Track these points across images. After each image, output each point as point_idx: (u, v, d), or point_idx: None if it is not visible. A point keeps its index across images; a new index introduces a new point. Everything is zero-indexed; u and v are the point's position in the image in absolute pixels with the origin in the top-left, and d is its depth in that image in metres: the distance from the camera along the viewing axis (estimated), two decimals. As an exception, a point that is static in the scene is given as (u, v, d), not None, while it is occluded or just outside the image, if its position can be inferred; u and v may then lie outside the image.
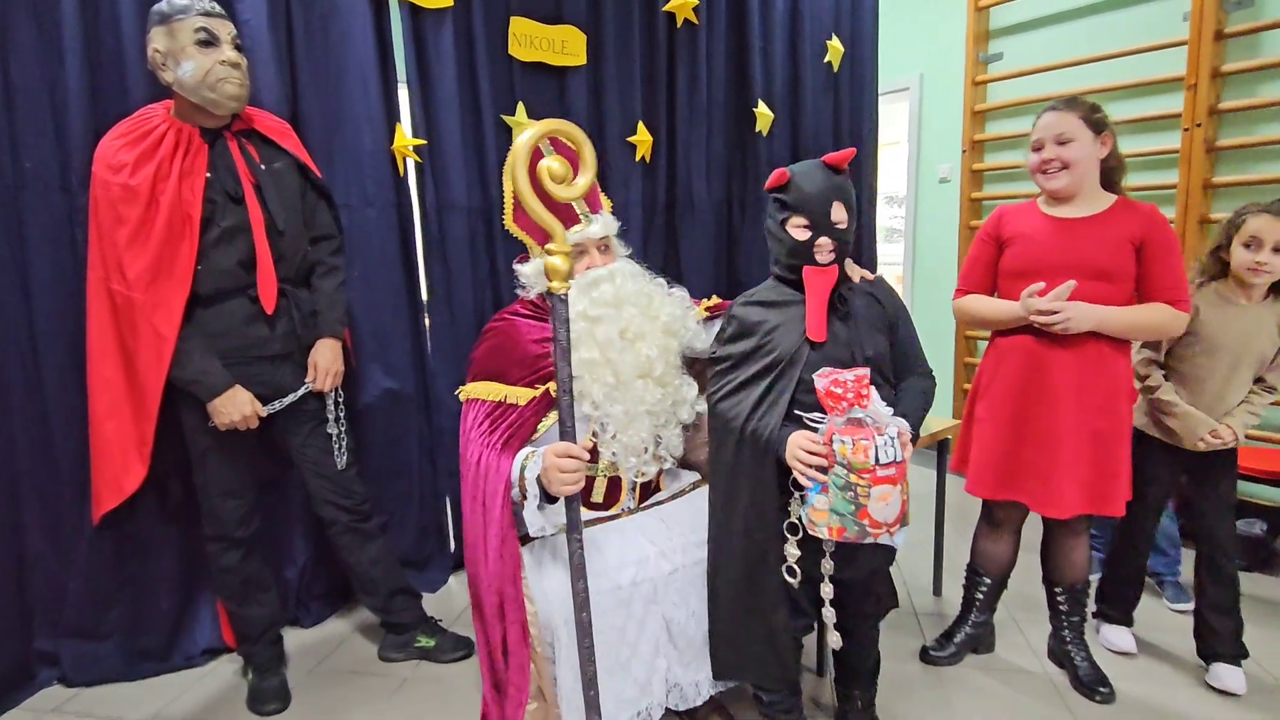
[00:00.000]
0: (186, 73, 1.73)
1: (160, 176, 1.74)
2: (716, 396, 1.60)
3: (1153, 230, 1.76)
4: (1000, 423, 1.88)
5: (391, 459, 2.50)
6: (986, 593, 2.11)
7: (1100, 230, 1.78)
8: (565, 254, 1.34)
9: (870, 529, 1.41)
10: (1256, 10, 2.80)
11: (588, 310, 1.66)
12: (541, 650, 1.54)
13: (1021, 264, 1.84)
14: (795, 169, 1.54)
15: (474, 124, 2.55)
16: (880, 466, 1.38)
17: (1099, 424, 1.79)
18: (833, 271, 1.54)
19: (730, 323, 1.63)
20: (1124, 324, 1.76)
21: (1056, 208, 1.85)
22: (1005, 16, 3.60)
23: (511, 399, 1.64)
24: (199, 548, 2.06)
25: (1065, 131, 1.78)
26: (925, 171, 4.11)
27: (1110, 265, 1.76)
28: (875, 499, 1.39)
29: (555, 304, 1.35)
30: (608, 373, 1.66)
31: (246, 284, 1.85)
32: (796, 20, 3.16)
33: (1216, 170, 2.95)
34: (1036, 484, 1.84)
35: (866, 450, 1.37)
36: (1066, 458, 1.79)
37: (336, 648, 2.29)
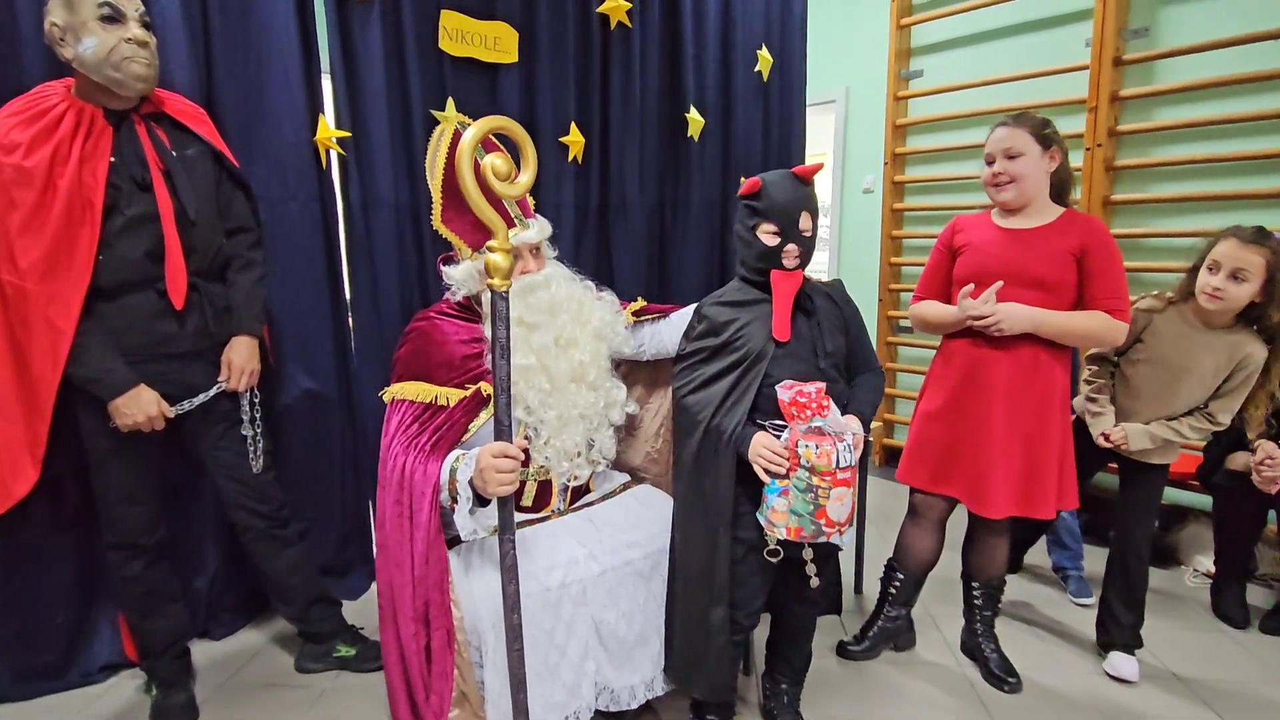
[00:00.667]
0: (88, 49, 1.63)
1: (58, 159, 1.63)
2: (683, 391, 1.67)
3: (1092, 241, 1.82)
4: (941, 419, 1.96)
5: (312, 462, 2.41)
6: (900, 587, 2.17)
7: (1044, 241, 1.85)
8: (506, 251, 1.33)
9: (825, 528, 1.53)
10: (1152, 39, 3.01)
11: (524, 316, 1.65)
12: (467, 655, 1.51)
13: (969, 272, 1.91)
14: (767, 178, 1.62)
15: (402, 118, 2.49)
16: (840, 470, 1.50)
17: (1029, 428, 1.86)
18: (798, 275, 1.64)
19: (700, 320, 1.70)
20: (1059, 327, 1.81)
21: (1007, 219, 1.92)
22: (926, 35, 3.76)
23: (440, 400, 1.60)
24: (98, 557, 1.94)
25: (1014, 146, 1.85)
26: (850, 182, 4.24)
27: (1050, 275, 1.82)
28: (833, 500, 1.51)
29: (496, 301, 1.33)
30: (543, 378, 1.65)
31: (154, 277, 1.75)
32: (728, 29, 3.21)
33: (1115, 189, 3.14)
34: (970, 482, 1.92)
35: (829, 455, 1.49)
36: (998, 459, 1.87)
37: (250, 660, 2.18)
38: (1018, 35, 3.43)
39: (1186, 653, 2.22)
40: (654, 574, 1.71)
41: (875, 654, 2.20)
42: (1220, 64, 2.82)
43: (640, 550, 1.69)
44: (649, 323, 1.93)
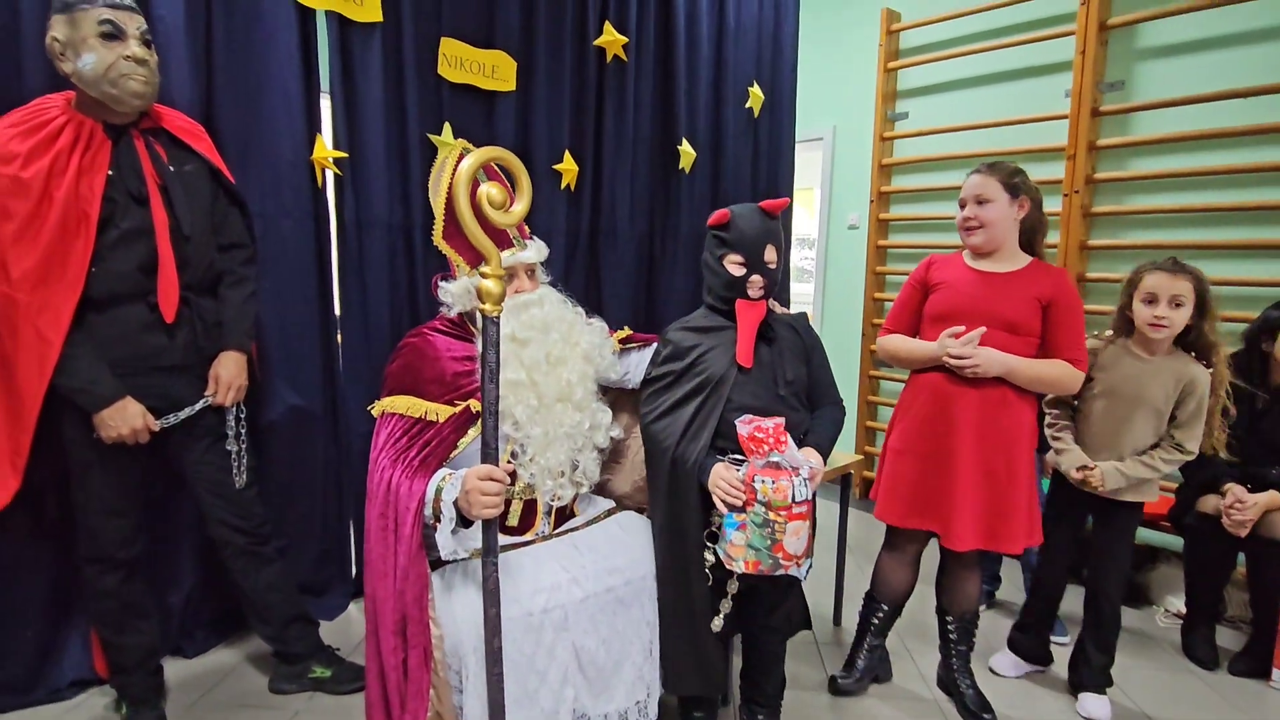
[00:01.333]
0: (86, 65, 1.64)
1: (56, 171, 1.63)
2: (649, 418, 1.72)
3: (1059, 293, 1.90)
4: (911, 454, 2.00)
5: (295, 479, 2.40)
6: (882, 619, 2.20)
7: (1014, 287, 1.92)
8: (499, 277, 1.35)
9: (783, 561, 1.57)
10: (1127, 93, 3.12)
11: (516, 333, 1.68)
12: (444, 675, 1.50)
13: (942, 309, 1.97)
14: (736, 210, 1.70)
15: (399, 140, 2.52)
16: (795, 504, 1.54)
17: (995, 464, 1.91)
18: (762, 305, 1.71)
19: (665, 345, 1.77)
20: (1029, 376, 1.88)
21: (979, 261, 1.99)
22: (912, 79, 3.87)
23: (430, 415, 1.61)
24: (71, 570, 1.91)
25: (984, 193, 1.93)
26: (836, 218, 4.32)
27: (1019, 319, 1.89)
28: (789, 534, 1.55)
29: (487, 326, 1.35)
30: (531, 394, 1.67)
31: (146, 290, 1.75)
32: (720, 66, 3.29)
33: (1091, 234, 3.23)
34: (940, 515, 1.95)
35: (785, 491, 1.52)
36: (964, 492, 1.91)
37: (223, 679, 2.15)
38: (1001, 83, 3.54)
39: (1157, 693, 2.25)
40: (634, 601, 1.72)
41: (865, 687, 2.22)
42: (1193, 119, 2.93)
43: (622, 577, 1.70)
44: (635, 350, 1.96)
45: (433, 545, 1.53)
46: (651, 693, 1.75)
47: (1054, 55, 3.32)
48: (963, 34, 3.63)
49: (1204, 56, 2.93)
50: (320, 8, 2.30)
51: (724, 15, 3.25)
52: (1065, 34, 3.21)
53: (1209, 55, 2.92)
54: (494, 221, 1.38)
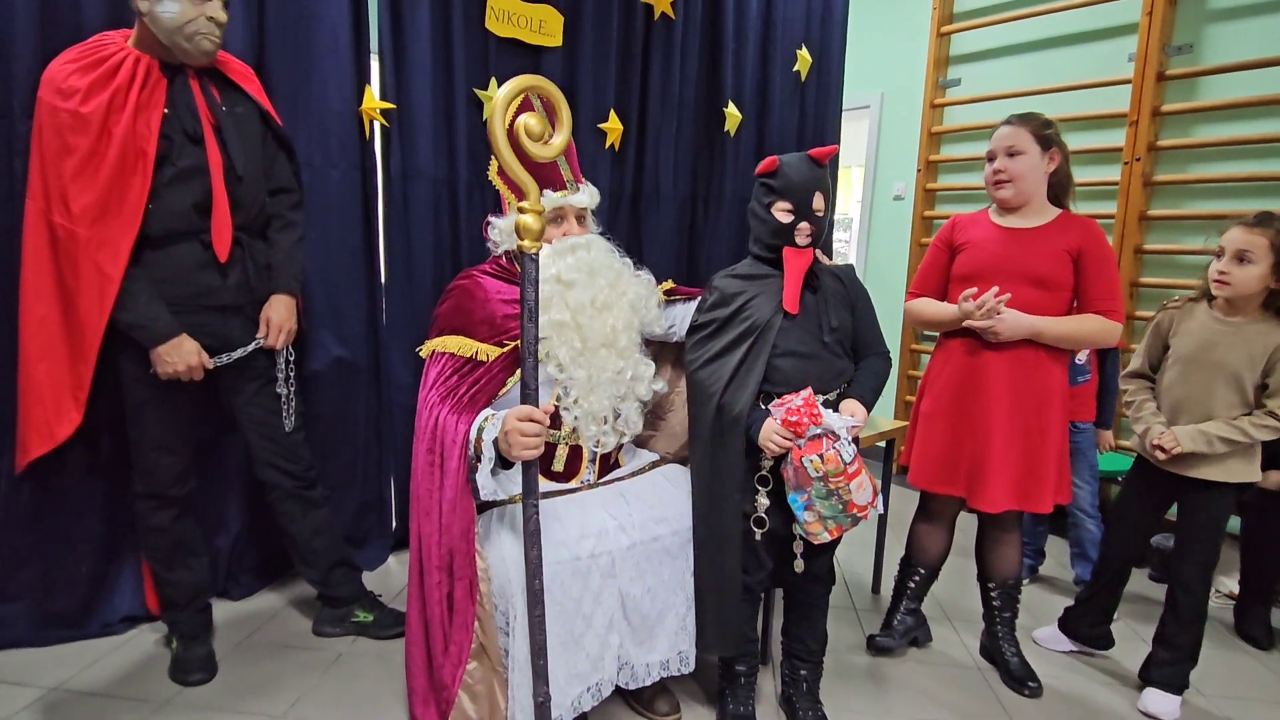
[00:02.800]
0: (167, 13, 1.64)
1: (114, 107, 1.64)
2: (695, 366, 1.70)
3: (1089, 243, 1.84)
4: (941, 418, 1.96)
5: (337, 431, 2.42)
6: (919, 583, 2.19)
7: (1042, 241, 1.86)
8: (538, 213, 1.33)
9: (860, 514, 1.61)
10: (1195, 56, 2.99)
11: (562, 274, 1.67)
12: (489, 609, 1.51)
13: (969, 269, 1.92)
14: (784, 159, 1.68)
15: (445, 93, 2.51)
16: (849, 465, 1.56)
17: (1029, 423, 1.87)
18: (809, 253, 1.68)
19: (711, 292, 1.75)
20: (1058, 334, 1.84)
21: (1005, 218, 1.93)
22: (965, 44, 3.75)
23: (480, 355, 1.61)
24: (125, 507, 1.95)
25: (1015, 145, 1.86)
26: (881, 188, 4.23)
27: (1048, 274, 1.84)
28: (855, 490, 1.58)
29: (525, 263, 1.33)
30: (575, 337, 1.66)
31: (200, 229, 1.76)
32: (769, 27, 3.22)
33: (1152, 204, 3.12)
34: (971, 479, 1.92)
35: (834, 459, 1.54)
36: (997, 454, 1.87)
37: (268, 621, 2.19)
38: (1059, 48, 3.42)
39: (1211, 674, 2.18)
40: (680, 552, 1.70)
41: (903, 648, 2.20)
42: (1263, 83, 2.81)
43: (669, 527, 1.69)
44: (680, 303, 1.94)
45: (475, 488, 1.53)
46: (692, 643, 1.74)
47: (1117, 18, 3.20)
48: (1020, -3, 3.51)
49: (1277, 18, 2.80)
50: (370, -43, 2.29)
51: (774, -26, 3.18)
52: (1131, -5, 3.08)
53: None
54: (530, 154, 1.36)
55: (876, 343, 1.78)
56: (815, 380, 1.63)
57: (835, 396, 1.68)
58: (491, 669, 1.52)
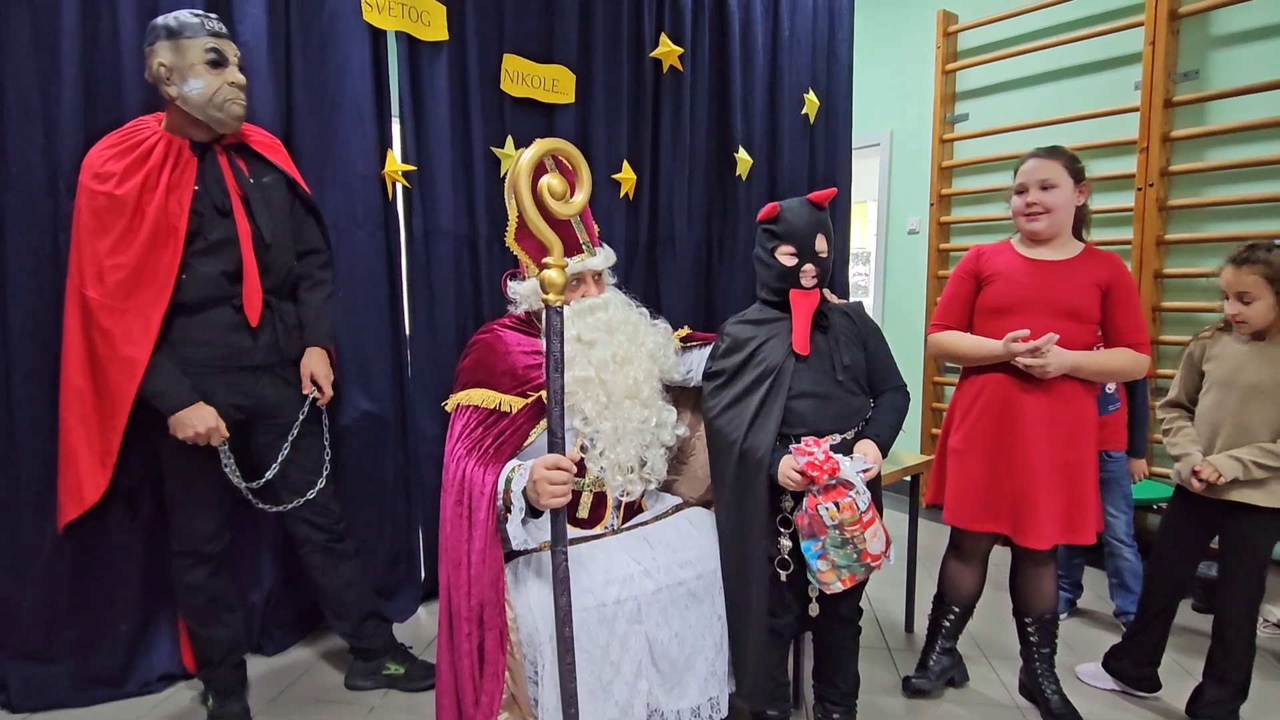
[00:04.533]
0: (194, 90, 1.75)
1: (147, 187, 1.74)
2: (713, 413, 1.73)
3: (1117, 278, 1.87)
4: (978, 455, 1.93)
5: (366, 484, 2.46)
6: (953, 621, 2.14)
7: (1072, 274, 1.88)
8: (561, 267, 1.38)
9: (872, 564, 1.62)
10: (1202, 81, 3.02)
11: (583, 334, 1.72)
12: (519, 658, 1.52)
13: (1000, 301, 1.92)
14: (785, 204, 1.73)
15: (464, 153, 2.60)
16: (864, 514, 1.57)
17: (1069, 456, 1.86)
18: (815, 293, 1.72)
19: (723, 339, 1.79)
20: (1096, 369, 1.86)
21: (1033, 250, 1.94)
22: (971, 80, 3.81)
23: (504, 407, 1.65)
24: (162, 565, 2.00)
25: (1049, 177, 1.88)
26: (895, 223, 4.27)
27: (1080, 306, 1.86)
28: (869, 540, 1.59)
29: (551, 316, 1.38)
30: (600, 391, 1.70)
31: (231, 294, 1.84)
32: (775, 73, 3.31)
33: (1168, 228, 3.12)
34: (1016, 515, 1.89)
35: (851, 507, 1.56)
36: (1043, 489, 1.85)
37: (301, 675, 2.21)
38: (1065, 79, 3.46)
39: (1260, 706, 2.11)
40: (706, 595, 1.70)
41: (940, 689, 2.16)
42: (1271, 106, 2.82)
43: (693, 570, 1.69)
44: (696, 348, 1.97)
45: (505, 537, 1.55)
46: (723, 689, 1.73)
47: (1121, 48, 3.24)
48: (1023, 32, 3.58)
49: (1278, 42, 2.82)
50: (390, 29, 2.40)
51: (778, 24, 3.27)
52: (1133, 25, 3.13)
53: (1289, 39, 2.81)
54: (554, 212, 1.42)
55: (892, 377, 1.79)
56: (832, 420, 1.65)
57: (853, 435, 1.69)
58: (521, 717, 1.52)
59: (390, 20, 2.38)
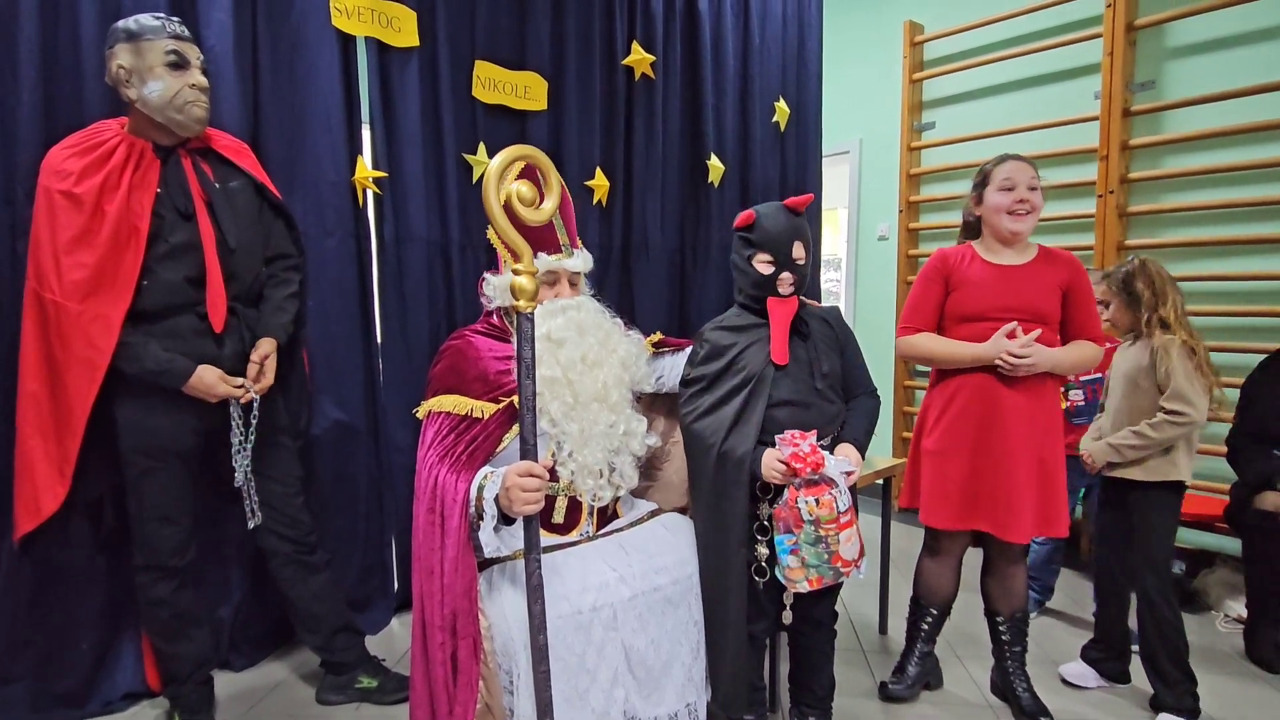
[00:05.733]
0: (153, 92, 1.72)
1: (108, 187, 1.70)
2: (691, 418, 1.71)
3: (1076, 277, 1.94)
4: (955, 455, 1.94)
5: (338, 494, 2.43)
6: (931, 624, 2.15)
7: (1034, 277, 1.92)
8: (531, 274, 1.38)
9: (842, 570, 1.61)
10: (1158, 91, 3.10)
11: (553, 333, 1.70)
12: (493, 667, 1.50)
13: (970, 309, 1.94)
14: (760, 210, 1.72)
15: (435, 160, 2.59)
16: (841, 515, 1.57)
17: (1043, 451, 1.90)
18: (793, 301, 1.71)
19: (702, 345, 1.77)
20: (1071, 363, 1.92)
21: (996, 255, 1.96)
22: (937, 89, 3.88)
23: (476, 413, 1.63)
24: (126, 582, 1.94)
25: (1034, 180, 1.93)
26: (865, 230, 4.32)
27: (1045, 309, 1.90)
28: (843, 543, 1.59)
29: (521, 322, 1.38)
30: (567, 392, 1.68)
31: (195, 301, 1.80)
32: (746, 82, 3.34)
33: (1128, 234, 3.20)
34: (995, 511, 1.91)
35: (829, 504, 1.56)
36: (1020, 484, 1.88)
37: (271, 691, 2.16)
38: (1028, 88, 3.54)
39: (1223, 700, 2.17)
40: (682, 601, 1.70)
41: (916, 694, 2.17)
42: (1225, 114, 2.91)
43: (669, 576, 1.69)
44: (668, 354, 1.97)
45: (478, 546, 1.54)
46: (700, 695, 1.72)
47: (1081, 58, 3.32)
48: (987, 42, 3.65)
49: (1236, 52, 2.92)
50: (360, 34, 2.38)
51: (749, 33, 3.31)
52: (1092, 37, 3.21)
53: (1241, 50, 2.90)
54: (523, 219, 1.42)
55: (865, 382, 1.80)
56: (810, 427, 1.64)
57: (829, 441, 1.70)
58: None
59: (360, 26, 2.37)
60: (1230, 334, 2.92)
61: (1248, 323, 2.91)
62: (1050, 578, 2.74)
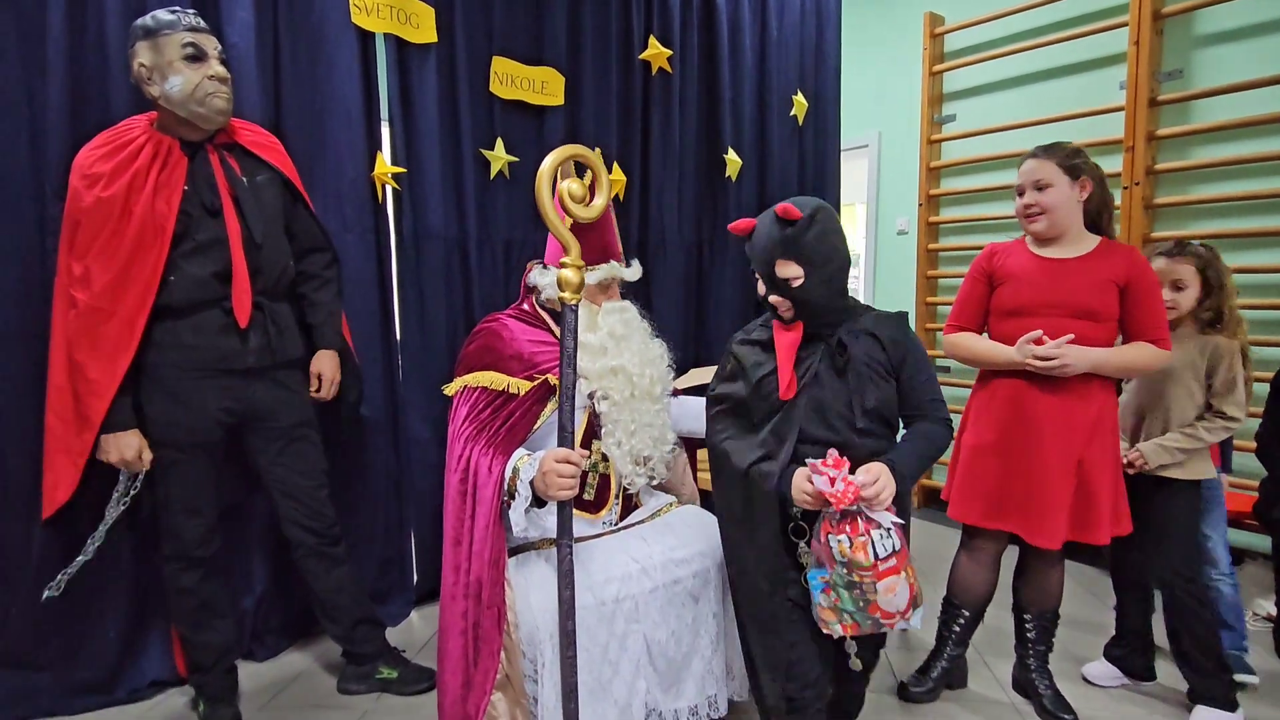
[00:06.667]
0: (174, 87, 1.74)
1: (135, 188, 1.72)
2: (718, 437, 1.58)
3: (1135, 272, 1.82)
4: (991, 453, 1.91)
5: (357, 488, 2.45)
6: (964, 626, 2.09)
7: (1085, 271, 1.84)
8: (578, 267, 1.42)
9: (883, 621, 1.38)
10: (1186, 80, 3.05)
11: (615, 329, 1.77)
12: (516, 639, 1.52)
13: (1014, 303, 1.90)
14: (761, 218, 1.52)
15: (453, 156, 2.60)
16: (881, 561, 1.35)
17: (1082, 454, 1.83)
18: (797, 329, 1.51)
19: (728, 360, 1.62)
20: (1118, 366, 1.82)
21: (1044, 248, 1.91)
22: (958, 80, 3.84)
23: (513, 389, 1.66)
24: (153, 570, 1.98)
25: (1043, 178, 1.86)
26: (884, 224, 4.29)
27: (1096, 305, 1.81)
28: (883, 592, 1.36)
29: (566, 313, 1.41)
30: (628, 384, 1.74)
31: (221, 296, 1.82)
32: (764, 75, 3.32)
33: (1155, 226, 3.14)
34: (1026, 514, 1.87)
35: (865, 547, 1.34)
36: (1054, 488, 1.83)
37: (293, 681, 2.19)
38: (1051, 79, 3.50)
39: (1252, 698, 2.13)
40: (701, 594, 1.70)
41: (936, 695, 2.13)
42: (1257, 103, 2.85)
43: (689, 569, 1.69)
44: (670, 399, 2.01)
45: (507, 525, 1.56)
46: (721, 687, 1.73)
47: (1105, 48, 3.27)
48: (1009, 33, 3.61)
49: (1268, 39, 2.86)
50: (379, 31, 2.40)
51: (766, 26, 3.29)
52: (1117, 26, 3.16)
53: (1273, 38, 2.85)
54: (574, 215, 1.46)
55: (927, 404, 1.53)
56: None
57: None
58: (515, 701, 1.51)
59: (379, 22, 2.38)
60: (1261, 328, 2.86)
61: (1278, 316, 2.85)
62: (1243, 624, 2.27)
